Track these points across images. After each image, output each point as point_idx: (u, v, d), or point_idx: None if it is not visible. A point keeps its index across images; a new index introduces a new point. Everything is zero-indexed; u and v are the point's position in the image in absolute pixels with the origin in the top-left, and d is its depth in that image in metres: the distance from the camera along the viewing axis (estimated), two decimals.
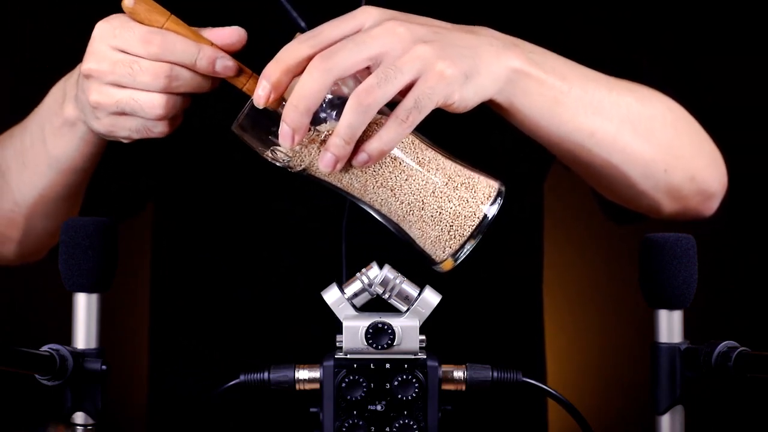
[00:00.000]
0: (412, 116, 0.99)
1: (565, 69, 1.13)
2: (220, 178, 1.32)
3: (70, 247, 1.01)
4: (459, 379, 0.99)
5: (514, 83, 1.07)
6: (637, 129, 1.18)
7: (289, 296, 1.31)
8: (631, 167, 1.19)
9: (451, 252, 1.03)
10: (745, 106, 2.36)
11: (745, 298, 2.45)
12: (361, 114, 0.98)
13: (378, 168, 1.01)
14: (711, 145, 1.30)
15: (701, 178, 1.26)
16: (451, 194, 1.02)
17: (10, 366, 0.93)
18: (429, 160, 1.02)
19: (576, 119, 1.13)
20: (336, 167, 0.99)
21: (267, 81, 0.99)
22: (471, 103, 1.04)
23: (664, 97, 1.24)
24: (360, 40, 0.99)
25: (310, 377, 0.98)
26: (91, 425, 1.00)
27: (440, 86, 1.00)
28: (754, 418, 2.42)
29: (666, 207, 1.26)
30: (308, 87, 0.98)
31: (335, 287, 0.99)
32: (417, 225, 1.03)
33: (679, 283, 1.00)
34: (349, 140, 0.98)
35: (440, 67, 1.00)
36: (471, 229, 1.02)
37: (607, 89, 1.16)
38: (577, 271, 2.47)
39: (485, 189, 1.03)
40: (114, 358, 1.02)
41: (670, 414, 1.01)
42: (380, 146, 0.99)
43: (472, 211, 1.02)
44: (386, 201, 1.02)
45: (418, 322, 0.98)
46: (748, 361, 0.95)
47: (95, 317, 1.01)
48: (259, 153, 1.03)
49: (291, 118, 0.98)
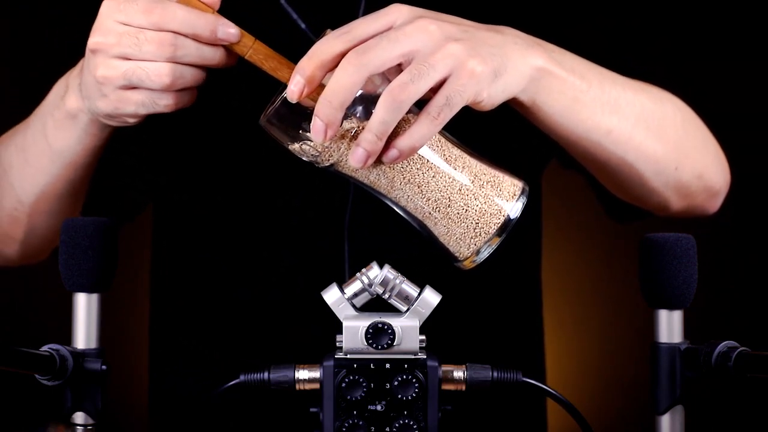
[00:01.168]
0: (443, 113, 1.00)
1: (584, 68, 1.14)
2: (220, 178, 1.32)
3: (70, 247, 1.01)
4: (459, 379, 0.99)
5: (537, 82, 1.08)
6: (651, 127, 1.19)
7: (289, 296, 1.31)
8: (645, 165, 1.20)
9: (475, 249, 1.03)
10: (746, 109, 2.36)
11: (745, 298, 2.45)
12: (395, 110, 0.98)
13: (406, 165, 1.02)
14: (715, 144, 1.31)
15: (708, 176, 1.28)
16: (477, 192, 1.03)
17: (10, 366, 0.93)
18: (456, 157, 1.03)
19: (594, 117, 1.14)
20: (367, 163, 1.00)
21: (301, 75, 1.00)
22: (497, 100, 1.05)
23: (673, 97, 1.26)
24: (393, 37, 1.00)
25: (310, 377, 0.98)
26: (91, 425, 1.00)
27: (471, 84, 1.01)
28: (754, 418, 2.42)
29: (674, 204, 1.27)
30: (342, 82, 0.98)
31: (335, 287, 0.99)
32: (443, 222, 1.03)
33: (679, 283, 1.00)
34: (381, 136, 0.99)
35: (471, 65, 1.01)
36: (496, 227, 1.03)
37: (623, 88, 1.17)
38: (577, 271, 2.47)
39: (510, 187, 1.04)
40: (114, 358, 1.02)
41: (670, 414, 1.01)
42: (411, 143, 1.00)
43: (498, 209, 1.03)
44: (412, 198, 1.03)
45: (418, 322, 0.98)
46: (748, 361, 0.95)
47: (95, 317, 1.01)
48: (285, 147, 1.03)
49: (324, 113, 0.98)
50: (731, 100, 2.36)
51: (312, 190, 1.27)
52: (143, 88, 1.06)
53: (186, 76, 1.06)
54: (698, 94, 2.18)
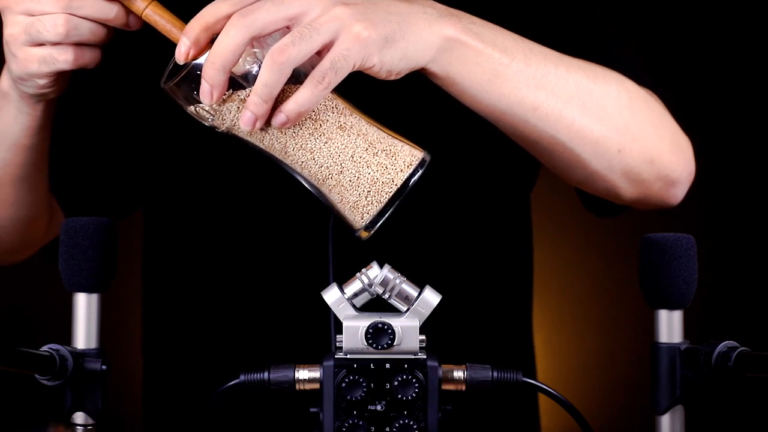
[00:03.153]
0: (327, 77, 1.00)
1: (508, 42, 1.12)
2: (209, 180, 1.32)
3: (70, 247, 1.01)
4: (459, 379, 0.99)
5: (448, 52, 1.07)
6: (587, 106, 1.16)
7: (275, 297, 1.31)
8: (581, 145, 1.17)
9: (369, 218, 1.03)
10: (746, 109, 2.36)
11: (745, 298, 2.45)
12: (276, 72, 0.99)
13: (298, 130, 1.02)
14: (675, 131, 1.27)
15: (662, 163, 1.23)
16: (370, 160, 1.02)
17: (10, 366, 0.92)
18: (351, 124, 1.03)
19: (517, 92, 1.12)
20: (255, 126, 1.01)
21: (187, 38, 1.01)
22: (397, 69, 1.04)
23: (621, 77, 1.22)
24: (279, 1, 1.01)
25: (310, 377, 0.98)
26: (91, 425, 1.00)
27: (356, 48, 1.00)
28: (754, 418, 2.42)
29: (625, 191, 1.23)
30: (224, 44, 0.99)
31: (335, 287, 0.99)
32: (336, 189, 1.03)
33: (679, 283, 1.00)
34: (266, 98, 0.99)
35: (357, 29, 1.00)
36: (388, 196, 1.02)
37: (554, 65, 1.14)
38: (577, 272, 2.47)
39: (406, 157, 1.03)
40: (114, 358, 1.02)
41: (670, 414, 1.01)
42: (296, 107, 1.00)
43: (390, 177, 1.02)
44: (306, 164, 1.03)
45: (418, 322, 0.98)
46: (748, 361, 0.95)
47: (95, 317, 1.01)
48: (186, 111, 1.04)
49: (209, 75, 1.00)
50: (732, 100, 2.36)
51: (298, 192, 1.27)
52: (44, 43, 1.09)
53: (81, 28, 1.08)
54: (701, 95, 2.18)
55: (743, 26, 2.38)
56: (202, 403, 1.30)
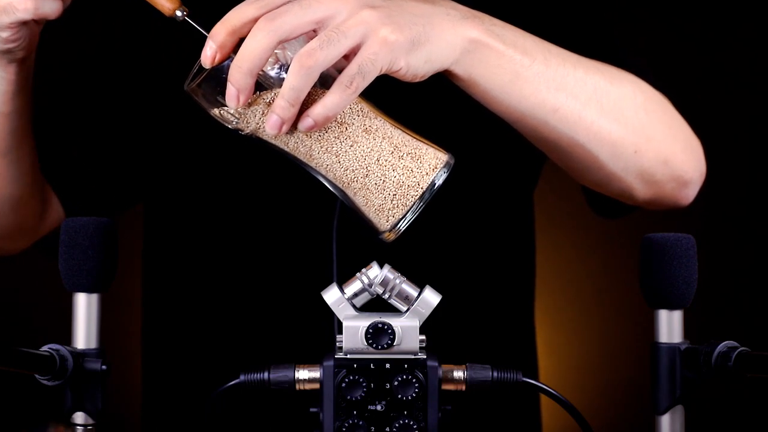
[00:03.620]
0: (356, 82, 0.99)
1: (528, 43, 1.12)
2: (210, 179, 1.32)
3: (70, 247, 1.01)
4: (459, 379, 0.99)
5: (471, 54, 1.07)
6: (605, 108, 1.17)
7: (277, 297, 1.31)
8: (598, 146, 1.17)
9: (394, 221, 1.02)
10: (746, 109, 2.36)
11: (745, 298, 2.45)
12: (303, 76, 0.98)
13: (323, 133, 1.02)
14: (687, 132, 1.27)
15: (675, 163, 1.24)
16: (396, 163, 1.02)
17: (10, 366, 0.92)
18: (376, 128, 1.02)
19: (538, 94, 1.12)
20: (282, 130, 1.00)
21: (213, 41, 1.01)
22: (422, 71, 1.04)
23: (635, 79, 1.22)
24: (306, 4, 1.00)
25: (310, 377, 0.98)
26: (91, 425, 1.00)
27: (384, 52, 1.00)
28: (754, 418, 2.42)
29: (639, 192, 1.24)
30: (251, 48, 0.99)
31: (335, 287, 0.99)
32: (361, 193, 1.03)
33: (679, 283, 1.00)
34: (293, 102, 0.99)
35: (384, 33, 1.00)
36: (414, 199, 1.02)
37: (573, 66, 1.15)
38: (577, 272, 2.47)
39: (431, 160, 1.03)
40: (114, 358, 1.02)
41: (670, 414, 1.01)
42: (324, 111, 1.00)
43: (416, 180, 1.02)
44: (331, 167, 1.03)
45: (418, 322, 0.98)
46: (748, 361, 0.95)
47: (95, 317, 1.01)
48: (209, 113, 1.04)
49: (235, 79, 0.99)
50: (732, 100, 2.36)
51: (301, 192, 1.27)
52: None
53: None
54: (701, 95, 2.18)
55: (745, 28, 2.38)
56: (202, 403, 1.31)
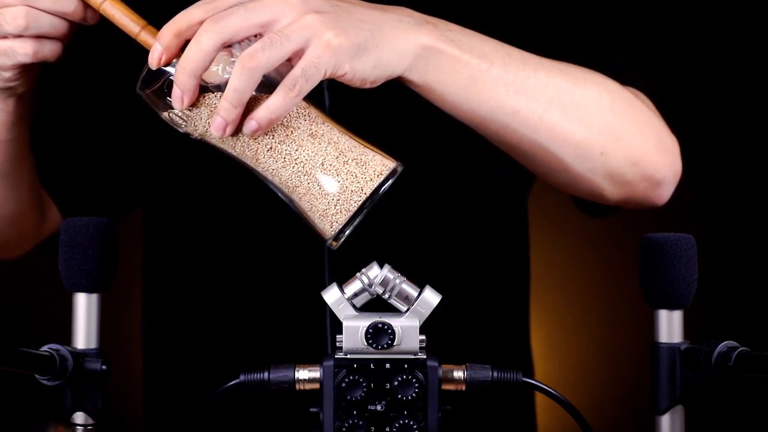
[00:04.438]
0: (299, 85, 1.00)
1: (487, 48, 1.12)
2: (208, 180, 1.32)
3: (70, 247, 1.01)
4: (459, 379, 0.99)
5: (425, 60, 1.07)
6: (568, 109, 1.16)
7: (275, 297, 1.31)
8: (563, 148, 1.17)
9: (337, 227, 1.02)
10: (746, 109, 2.36)
11: (745, 298, 2.45)
12: (245, 77, 0.99)
13: (269, 137, 1.02)
14: (661, 131, 1.26)
15: (647, 163, 1.23)
16: (340, 168, 1.02)
17: (10, 366, 0.92)
18: (322, 133, 1.03)
19: (497, 98, 1.12)
20: (226, 132, 1.01)
21: (159, 43, 1.02)
22: (371, 77, 1.05)
23: (603, 79, 1.21)
24: (251, 7, 1.01)
25: (310, 377, 0.98)
26: (91, 425, 1.00)
27: (327, 55, 1.00)
28: (754, 418, 2.42)
29: (610, 192, 1.23)
30: (195, 50, 1.00)
31: (335, 287, 0.99)
32: (306, 198, 1.03)
33: (679, 283, 1.00)
34: (236, 104, 1.00)
35: (327, 37, 1.01)
36: (357, 205, 1.02)
37: (534, 69, 1.14)
38: (577, 272, 2.47)
39: (377, 166, 1.03)
40: (114, 358, 1.02)
41: (670, 414, 1.01)
42: (267, 114, 1.00)
43: (360, 186, 1.02)
44: (277, 171, 1.03)
45: (418, 322, 0.98)
46: (748, 361, 0.95)
47: (95, 317, 1.01)
48: (160, 117, 1.05)
49: (180, 80, 1.00)
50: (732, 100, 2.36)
51: None
52: (5, 36, 1.08)
53: (41, 21, 1.08)
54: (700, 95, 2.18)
55: (746, 28, 2.37)
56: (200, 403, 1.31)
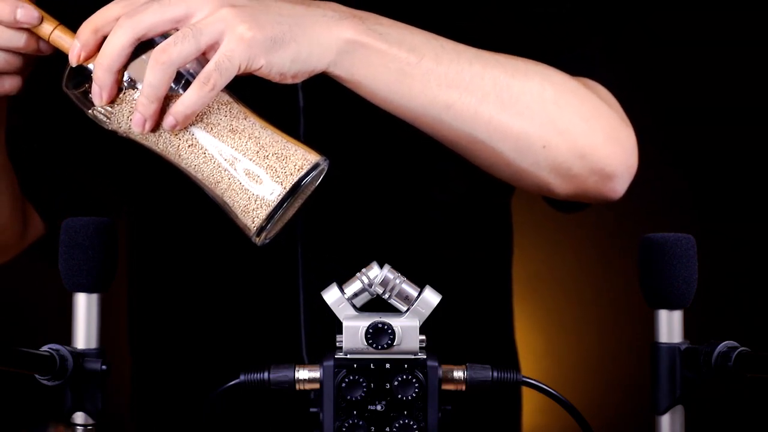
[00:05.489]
0: (213, 79, 1.00)
1: (418, 41, 1.11)
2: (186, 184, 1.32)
3: (70, 247, 1.01)
4: (459, 379, 0.99)
5: (350, 55, 1.07)
6: (505, 102, 1.15)
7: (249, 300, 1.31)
8: (501, 142, 1.16)
9: (259, 222, 1.02)
10: (746, 109, 2.36)
11: (745, 298, 2.45)
12: (159, 73, 1.00)
13: (189, 133, 1.03)
14: (612, 123, 1.24)
15: (594, 156, 1.21)
16: (260, 163, 1.02)
17: (10, 366, 0.93)
18: (243, 128, 1.03)
19: (428, 92, 1.12)
20: (145, 127, 1.02)
21: (77, 40, 1.03)
22: (291, 71, 1.05)
23: (548, 71, 1.20)
24: (167, 2, 1.01)
25: (310, 377, 0.98)
26: (91, 425, 1.00)
27: (240, 49, 1.01)
28: (754, 418, 2.42)
29: (557, 187, 1.22)
30: (110, 45, 1.01)
31: (335, 287, 0.99)
32: (228, 193, 1.03)
33: (679, 283, 1.00)
34: (152, 99, 1.00)
35: (240, 30, 1.01)
36: (277, 199, 1.01)
37: (469, 62, 1.14)
38: (577, 272, 2.47)
39: (298, 161, 1.02)
40: (114, 358, 1.02)
41: (670, 414, 1.01)
42: (183, 109, 1.01)
43: (279, 181, 1.02)
44: (199, 167, 1.03)
45: (418, 322, 0.98)
46: (748, 361, 0.95)
47: (95, 317, 1.01)
48: (87, 115, 1.05)
49: (97, 76, 1.02)
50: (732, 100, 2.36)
51: None
52: None
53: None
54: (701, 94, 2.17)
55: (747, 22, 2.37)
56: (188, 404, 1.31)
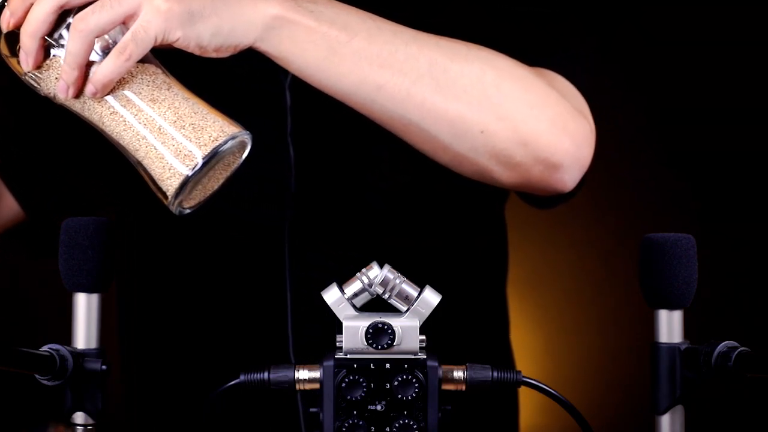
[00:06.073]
0: (129, 49, 1.02)
1: (353, 20, 1.12)
2: None
3: (70, 247, 1.01)
4: (459, 379, 0.99)
5: (277, 31, 1.08)
6: (441, 85, 1.14)
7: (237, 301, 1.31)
8: (435, 125, 1.15)
9: (172, 191, 1.04)
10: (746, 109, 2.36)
11: (745, 298, 2.45)
12: (78, 40, 1.02)
13: (112, 100, 1.05)
14: (562, 112, 1.22)
15: (538, 145, 1.19)
16: (175, 133, 1.03)
17: (10, 366, 0.93)
18: (164, 98, 1.04)
19: (359, 71, 1.12)
20: (69, 93, 1.04)
21: (8, 8, 1.05)
22: (211, 44, 1.06)
23: (495, 57, 1.18)
24: None
25: (310, 377, 0.98)
26: (91, 425, 1.00)
27: (157, 20, 1.03)
28: (754, 418, 2.42)
29: (500, 175, 1.20)
30: (34, 12, 1.03)
31: (335, 287, 0.99)
32: (146, 161, 1.04)
33: (679, 283, 1.00)
34: (73, 66, 1.03)
35: (157, 2, 1.03)
36: (189, 170, 1.03)
37: (405, 43, 1.13)
38: (577, 272, 2.47)
39: (214, 132, 1.04)
40: (114, 358, 1.02)
41: (670, 414, 1.01)
42: (101, 78, 1.03)
43: (193, 151, 1.03)
44: (120, 134, 1.05)
45: (418, 322, 0.98)
46: (748, 361, 0.95)
47: (95, 317, 1.01)
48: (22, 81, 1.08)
49: (23, 42, 1.04)
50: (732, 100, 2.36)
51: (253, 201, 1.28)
52: None
53: None
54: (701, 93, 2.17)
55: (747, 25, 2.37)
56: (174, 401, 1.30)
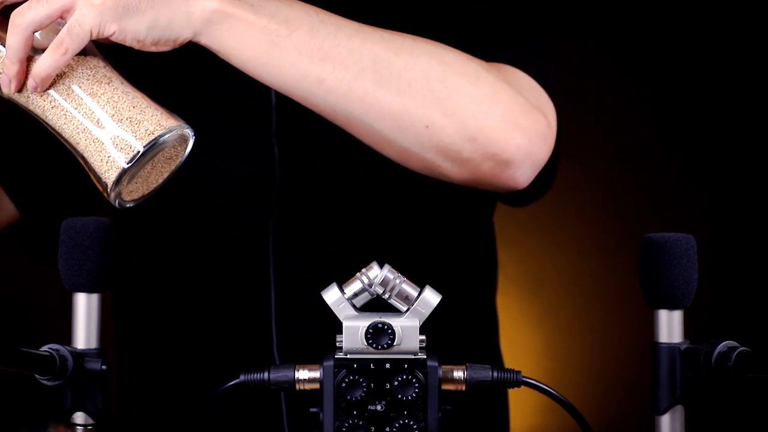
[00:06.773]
0: (65, 43, 1.04)
1: (295, 14, 1.12)
2: None
3: (70, 247, 1.01)
4: (459, 379, 0.99)
5: (217, 25, 1.09)
6: (384, 79, 1.14)
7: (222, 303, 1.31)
8: (378, 120, 1.15)
9: (110, 184, 1.05)
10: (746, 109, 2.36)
11: (745, 298, 2.45)
12: (15, 34, 1.04)
13: (54, 94, 1.06)
14: (514, 108, 1.20)
15: (487, 141, 1.17)
16: (113, 126, 1.05)
17: (10, 366, 0.93)
18: (103, 92, 1.06)
19: (299, 65, 1.12)
20: (11, 87, 1.05)
21: None
22: (148, 38, 1.07)
23: (443, 51, 1.17)
24: None
25: (310, 377, 0.98)
26: (91, 425, 1.00)
27: (91, 14, 1.04)
28: (754, 418, 2.42)
29: (448, 170, 1.19)
30: None
31: (335, 287, 0.99)
32: (86, 154, 1.06)
33: (679, 283, 1.00)
34: (12, 60, 1.04)
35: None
36: (126, 163, 1.04)
37: (348, 37, 1.13)
38: (577, 272, 2.47)
39: (150, 126, 1.05)
40: (114, 358, 1.02)
41: (670, 414, 1.01)
42: (39, 72, 1.04)
43: (128, 144, 1.04)
44: (61, 127, 1.06)
45: (418, 322, 0.98)
46: (748, 361, 0.95)
47: (95, 317, 1.01)
48: None
49: None
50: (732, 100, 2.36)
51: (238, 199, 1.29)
52: None
53: None
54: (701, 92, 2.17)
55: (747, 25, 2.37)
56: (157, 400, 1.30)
